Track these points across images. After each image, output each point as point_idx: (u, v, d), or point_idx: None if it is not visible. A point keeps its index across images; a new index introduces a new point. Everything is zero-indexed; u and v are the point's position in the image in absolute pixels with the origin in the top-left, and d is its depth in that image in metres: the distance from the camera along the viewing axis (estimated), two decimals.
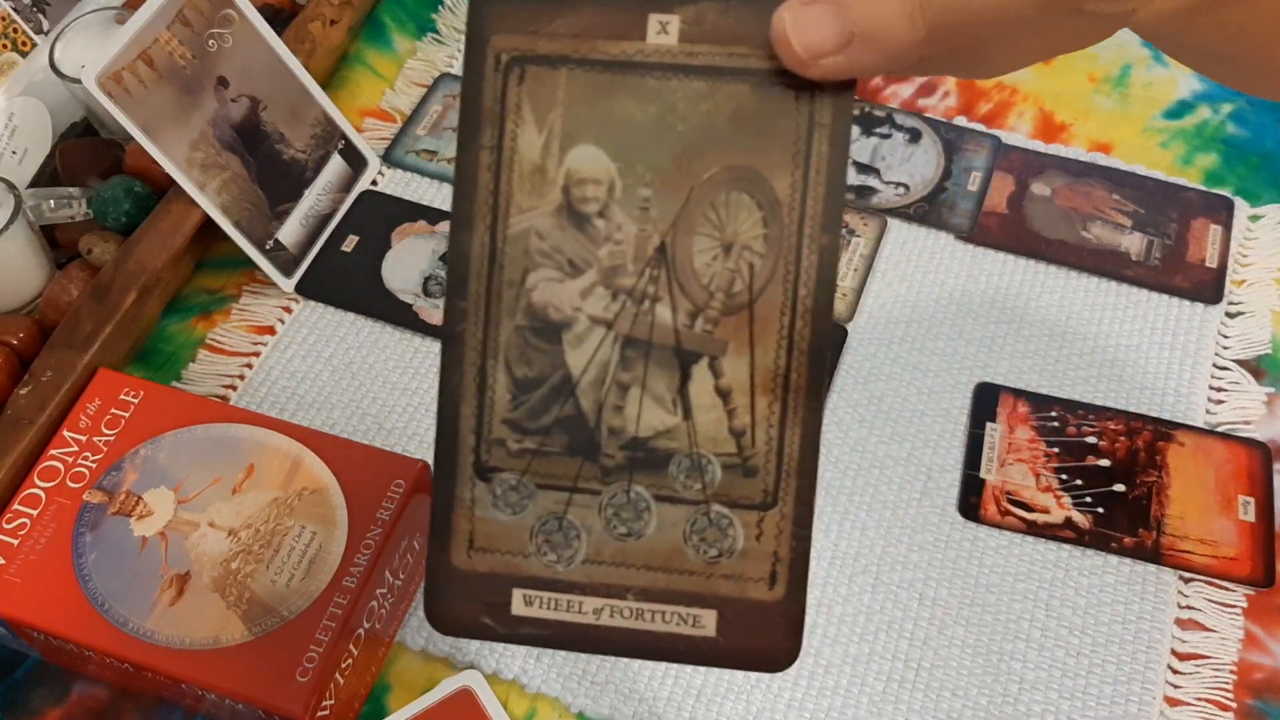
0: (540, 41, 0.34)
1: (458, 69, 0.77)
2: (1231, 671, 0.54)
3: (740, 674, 0.54)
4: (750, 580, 0.34)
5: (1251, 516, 0.58)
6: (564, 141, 0.34)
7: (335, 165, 0.69)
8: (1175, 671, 0.54)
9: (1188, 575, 0.56)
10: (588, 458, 0.35)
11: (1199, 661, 0.54)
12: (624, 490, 0.35)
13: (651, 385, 0.34)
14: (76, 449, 0.55)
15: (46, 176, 0.69)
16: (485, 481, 0.35)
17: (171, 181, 0.63)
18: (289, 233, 0.67)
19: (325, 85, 0.74)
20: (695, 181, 0.34)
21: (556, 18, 0.34)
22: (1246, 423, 0.61)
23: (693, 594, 0.34)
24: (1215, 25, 0.32)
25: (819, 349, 0.34)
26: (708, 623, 0.35)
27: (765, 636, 0.34)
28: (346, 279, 0.67)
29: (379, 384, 0.64)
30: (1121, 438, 0.60)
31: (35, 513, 0.53)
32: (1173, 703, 0.53)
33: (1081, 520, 0.58)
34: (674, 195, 0.34)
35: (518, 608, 0.35)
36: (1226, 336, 0.64)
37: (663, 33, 0.33)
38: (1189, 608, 0.56)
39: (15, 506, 0.54)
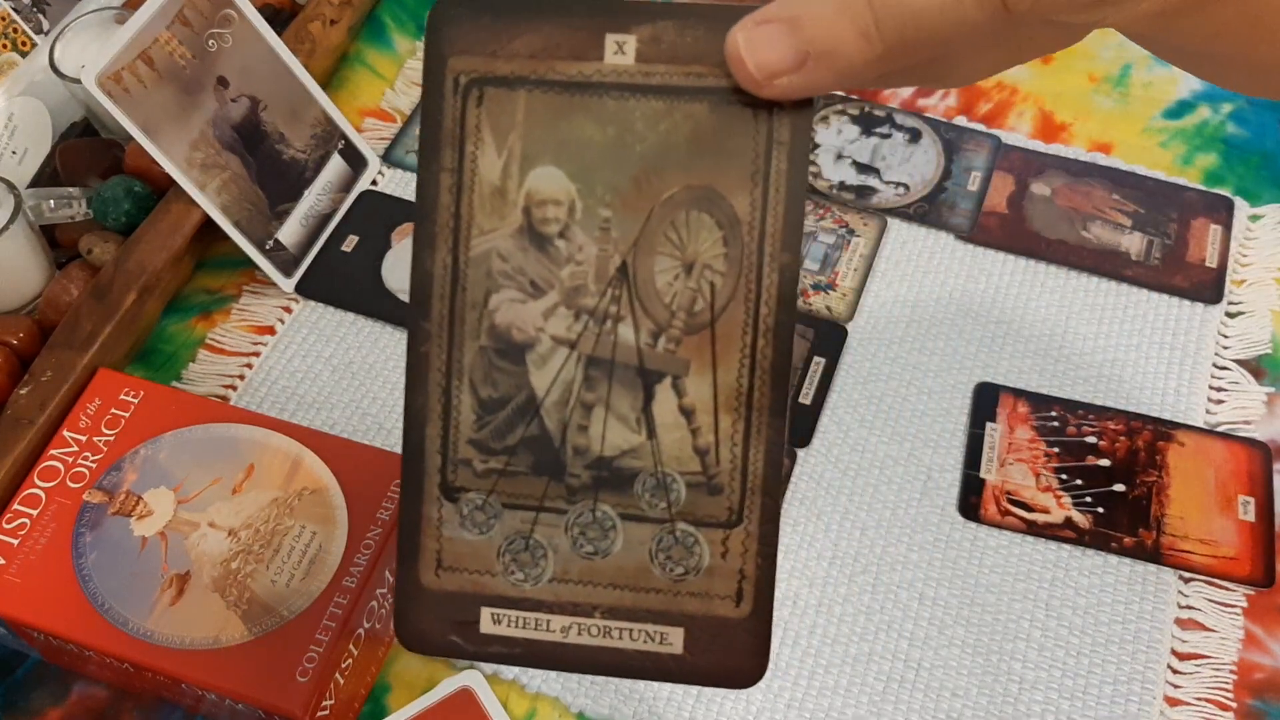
0: (498, 63, 0.34)
1: None
2: (1231, 671, 0.54)
3: None
4: (717, 598, 0.35)
5: (1251, 516, 0.58)
6: (524, 163, 0.34)
7: (335, 165, 0.69)
8: (1175, 671, 0.54)
9: (1188, 575, 0.56)
10: (554, 477, 0.35)
11: (1199, 661, 0.54)
12: (590, 509, 0.35)
13: (615, 405, 0.34)
14: (76, 449, 0.55)
15: (46, 176, 0.69)
16: (452, 501, 0.35)
17: (171, 181, 0.63)
18: (289, 233, 0.67)
19: (325, 85, 0.74)
20: (655, 201, 0.34)
21: (515, 38, 0.34)
22: (1246, 422, 0.61)
23: (660, 612, 0.35)
24: (1192, 27, 0.32)
25: (781, 368, 0.34)
26: (675, 640, 0.35)
27: (732, 654, 0.35)
28: (346, 279, 0.67)
29: (379, 384, 0.64)
30: (1121, 437, 0.60)
31: (35, 513, 0.53)
32: (1173, 703, 0.53)
33: (1081, 520, 0.58)
34: (634, 215, 0.34)
35: (486, 626, 0.35)
36: (1226, 336, 0.64)
37: (620, 53, 0.34)
38: (1189, 608, 0.56)
39: (15, 506, 0.54)
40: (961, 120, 0.73)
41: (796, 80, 0.32)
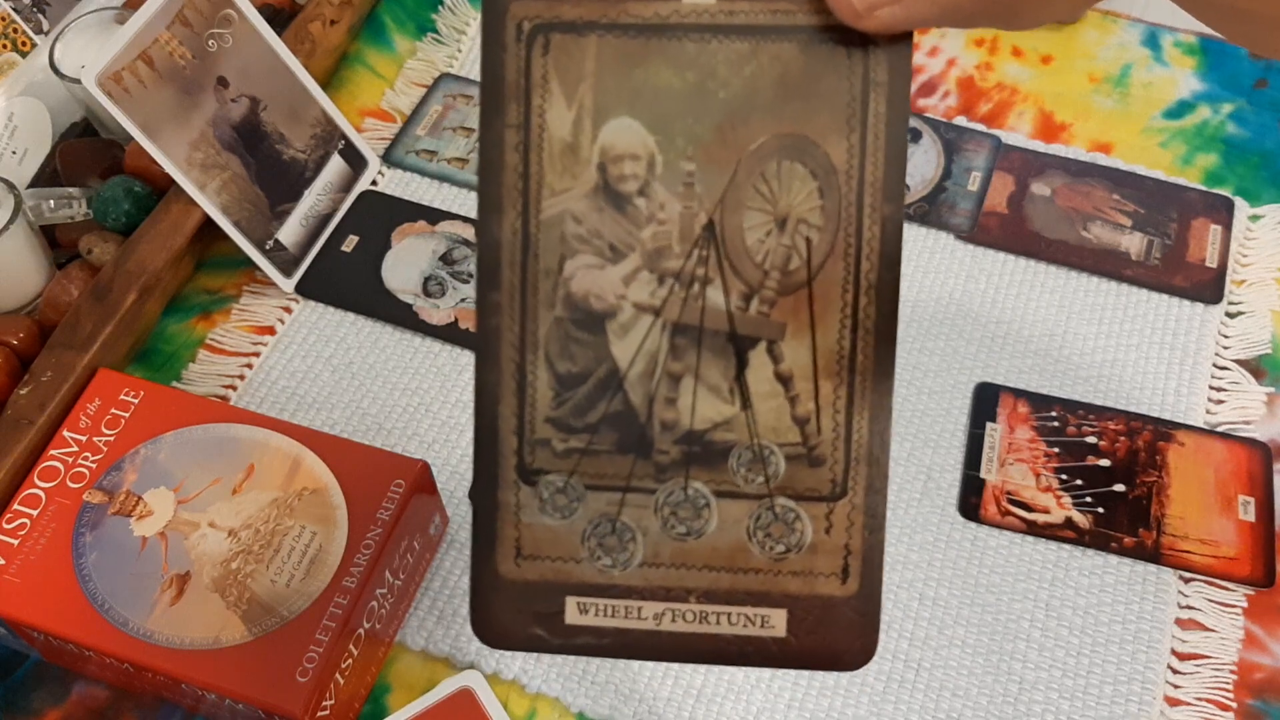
0: (565, 6, 0.31)
1: (458, 69, 0.77)
2: (1232, 671, 0.54)
3: (740, 674, 0.54)
4: (821, 576, 0.32)
5: (1251, 516, 0.58)
6: (596, 115, 0.31)
7: (335, 165, 0.69)
8: (1175, 671, 0.54)
9: (1188, 575, 0.56)
10: (640, 455, 0.32)
11: (1199, 661, 0.54)
12: (681, 487, 0.32)
13: (705, 374, 0.32)
14: (76, 449, 0.55)
15: (46, 176, 0.69)
16: (530, 485, 0.33)
17: (171, 181, 0.63)
18: (289, 233, 0.67)
19: (325, 85, 0.74)
20: (742, 153, 0.31)
21: None
22: (1246, 422, 0.61)
23: (760, 593, 0.32)
24: None
25: (886, 328, 0.32)
26: (777, 623, 0.33)
27: (839, 635, 0.33)
28: (346, 279, 0.67)
29: (379, 384, 0.64)
30: (1121, 438, 0.60)
31: (35, 513, 0.53)
32: (1173, 702, 0.53)
33: (1082, 520, 0.58)
34: (719, 168, 0.32)
35: (572, 616, 0.33)
36: (1226, 336, 0.64)
37: None
38: (1189, 607, 0.56)
39: (15, 506, 0.54)
40: (961, 120, 0.73)
41: (899, 11, 0.30)
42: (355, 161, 0.70)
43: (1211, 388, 0.62)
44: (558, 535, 0.33)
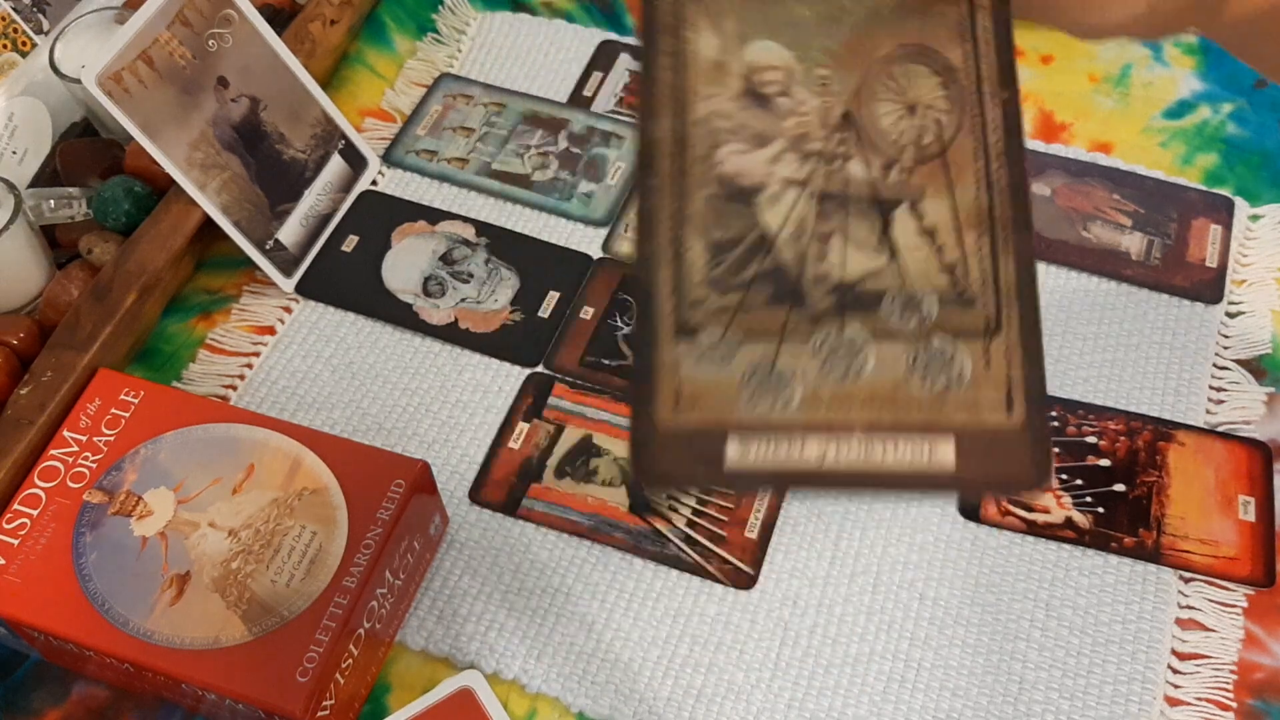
0: None
1: (458, 69, 0.77)
2: (1232, 671, 0.54)
3: (740, 675, 0.54)
4: (985, 407, 0.33)
5: (1252, 516, 0.58)
6: (740, 39, 0.36)
7: (335, 165, 0.69)
8: (1175, 671, 0.54)
9: (1188, 575, 0.56)
10: (795, 305, 0.34)
11: (1199, 661, 0.54)
12: (836, 332, 0.34)
13: (854, 233, 0.34)
14: (77, 449, 0.55)
15: (47, 176, 0.69)
16: (688, 339, 0.34)
17: (171, 181, 0.63)
18: (289, 233, 0.67)
19: (325, 85, 0.74)
20: (870, 59, 0.36)
21: None
22: (1247, 422, 0.61)
23: (924, 424, 0.33)
24: None
25: (1019, 186, 0.34)
26: (945, 452, 0.33)
27: (1009, 462, 0.33)
28: (346, 279, 0.67)
29: (379, 384, 0.64)
30: (1122, 437, 0.60)
31: (35, 513, 0.53)
32: (1173, 702, 0.53)
33: (1082, 520, 0.58)
34: (851, 72, 0.35)
35: (733, 457, 0.33)
36: (1226, 336, 0.64)
37: None
38: (1189, 607, 0.56)
39: (15, 506, 0.54)
40: None
41: None
42: (355, 161, 0.70)
43: (1211, 388, 0.62)
44: (717, 383, 0.34)
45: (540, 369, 0.64)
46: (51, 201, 0.66)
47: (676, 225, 0.35)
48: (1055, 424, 0.61)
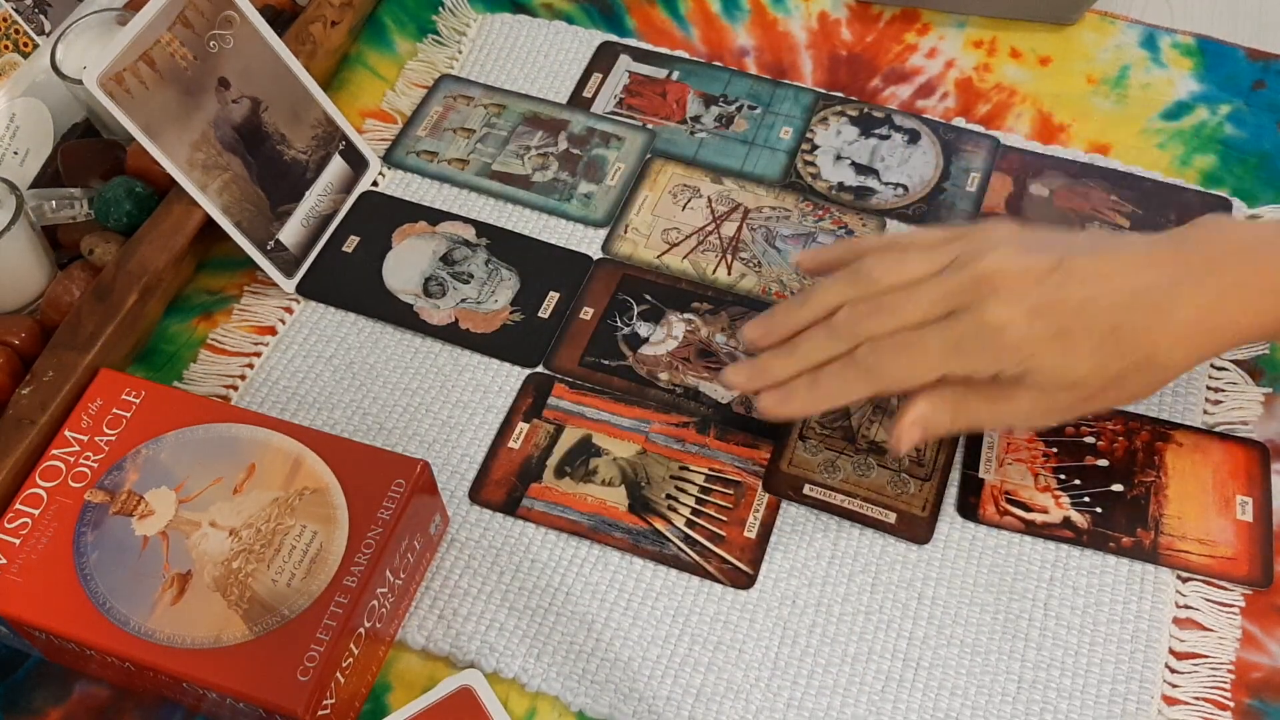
0: None
1: (458, 70, 0.77)
2: (1229, 671, 0.54)
3: (740, 674, 0.54)
4: (914, 505, 0.53)
5: (1249, 516, 0.58)
6: None
7: (336, 166, 0.69)
8: (1173, 671, 0.54)
9: (1186, 575, 0.56)
10: (849, 442, 0.58)
11: (1197, 661, 0.54)
12: (863, 458, 0.61)
13: (886, 422, 0.56)
14: (78, 449, 0.56)
15: (48, 177, 0.69)
16: (802, 442, 0.60)
17: (173, 182, 0.63)
18: (290, 233, 0.67)
19: (326, 86, 0.74)
20: None
21: None
22: (1244, 423, 0.61)
23: (887, 503, 0.55)
24: None
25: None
26: (890, 515, 0.58)
27: (914, 527, 0.58)
28: (347, 279, 0.68)
29: (379, 384, 0.64)
30: (1120, 437, 0.60)
31: (37, 512, 0.54)
32: (1171, 702, 0.53)
33: (1080, 520, 0.58)
34: None
35: (808, 490, 0.58)
36: None
37: None
38: (1187, 607, 0.56)
39: (17, 506, 0.54)
40: (960, 121, 0.73)
41: None
42: (356, 162, 0.71)
43: (1209, 388, 0.63)
44: (811, 461, 0.59)
45: (540, 369, 0.64)
46: (53, 202, 0.67)
47: None
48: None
